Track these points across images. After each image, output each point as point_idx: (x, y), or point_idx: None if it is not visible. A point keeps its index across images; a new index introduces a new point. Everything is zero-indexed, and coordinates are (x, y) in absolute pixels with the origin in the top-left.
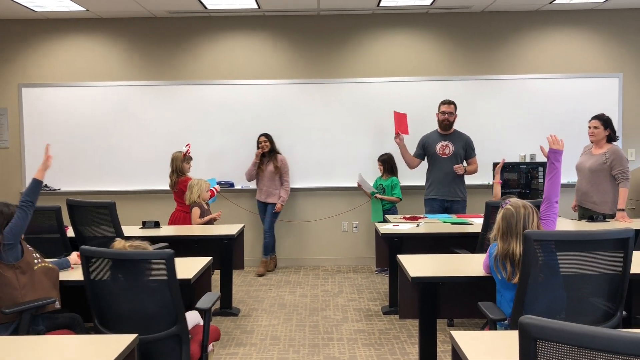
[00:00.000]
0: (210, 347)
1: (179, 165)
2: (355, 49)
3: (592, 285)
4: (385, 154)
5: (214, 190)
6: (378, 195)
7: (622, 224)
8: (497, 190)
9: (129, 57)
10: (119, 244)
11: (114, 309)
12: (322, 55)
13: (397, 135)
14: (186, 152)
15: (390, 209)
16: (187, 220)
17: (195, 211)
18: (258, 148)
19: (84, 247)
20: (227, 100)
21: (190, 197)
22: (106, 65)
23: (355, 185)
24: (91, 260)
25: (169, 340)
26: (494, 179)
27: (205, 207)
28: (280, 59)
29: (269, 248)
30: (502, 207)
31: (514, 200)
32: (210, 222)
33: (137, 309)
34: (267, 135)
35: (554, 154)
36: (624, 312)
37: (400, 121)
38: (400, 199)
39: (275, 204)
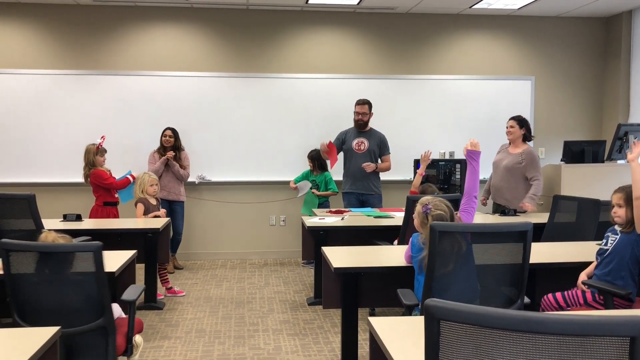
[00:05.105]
0: (138, 338)
1: (91, 158)
2: (284, 45)
3: (497, 274)
4: (314, 150)
5: (129, 178)
6: (315, 192)
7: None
8: (417, 181)
9: (50, 45)
10: (49, 235)
11: (38, 302)
12: (250, 50)
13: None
14: (99, 144)
15: (324, 202)
16: (104, 216)
17: (139, 208)
18: (162, 142)
19: (4, 240)
20: (152, 92)
21: (136, 191)
22: (25, 53)
23: (287, 181)
24: (10, 253)
25: (95, 332)
26: (419, 168)
27: (154, 202)
28: (208, 52)
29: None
30: (429, 213)
31: (434, 203)
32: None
33: (64, 302)
34: (173, 130)
35: (472, 154)
36: (528, 299)
37: (332, 153)
38: (337, 192)
39: (181, 202)
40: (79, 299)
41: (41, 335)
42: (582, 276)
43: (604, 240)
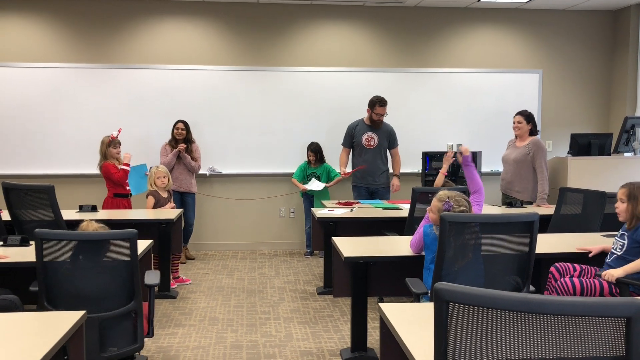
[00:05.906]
0: None
1: (103, 149)
2: (293, 39)
3: (504, 263)
4: (314, 143)
5: (125, 168)
6: (327, 184)
7: (542, 209)
8: (440, 180)
9: (64, 38)
10: (90, 225)
11: (73, 288)
12: (260, 43)
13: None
14: (111, 136)
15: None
16: (115, 207)
17: (149, 200)
18: (173, 134)
19: (40, 230)
20: (163, 85)
21: (148, 184)
22: (39, 46)
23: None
24: (45, 242)
25: (126, 315)
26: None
27: (164, 195)
28: (219, 46)
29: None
30: (450, 210)
31: (455, 199)
32: None
33: (99, 288)
34: (185, 123)
35: (467, 160)
36: (533, 288)
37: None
38: (341, 176)
39: (193, 194)
40: (114, 284)
41: (68, 319)
42: (619, 272)
43: (614, 244)
